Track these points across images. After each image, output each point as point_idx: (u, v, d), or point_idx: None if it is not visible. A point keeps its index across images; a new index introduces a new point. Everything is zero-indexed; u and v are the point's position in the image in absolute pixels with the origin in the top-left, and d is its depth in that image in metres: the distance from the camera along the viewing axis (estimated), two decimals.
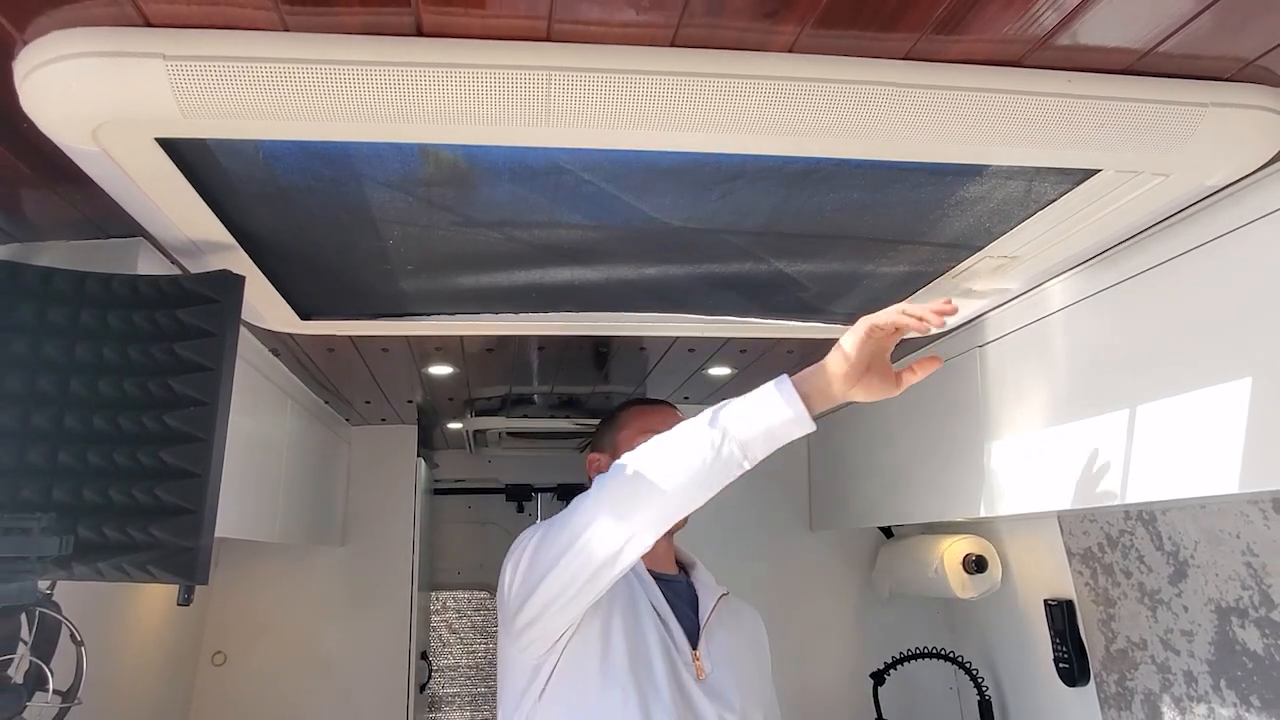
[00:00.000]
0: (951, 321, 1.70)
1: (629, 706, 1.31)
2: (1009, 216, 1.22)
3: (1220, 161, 1.01)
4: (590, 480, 1.66)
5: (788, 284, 1.51)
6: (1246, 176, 1.07)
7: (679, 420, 1.62)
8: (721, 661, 1.44)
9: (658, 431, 1.57)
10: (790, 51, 0.88)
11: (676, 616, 1.45)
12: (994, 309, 1.67)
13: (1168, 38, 0.86)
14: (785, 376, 1.20)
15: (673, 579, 1.54)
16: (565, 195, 1.14)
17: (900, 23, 0.84)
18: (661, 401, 1.65)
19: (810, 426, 1.18)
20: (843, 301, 1.60)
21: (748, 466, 1.20)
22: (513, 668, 1.41)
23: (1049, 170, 1.08)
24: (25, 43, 0.81)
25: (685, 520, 1.57)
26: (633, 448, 1.57)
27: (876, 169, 1.08)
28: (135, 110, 0.84)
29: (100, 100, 0.83)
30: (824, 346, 1.24)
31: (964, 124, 0.92)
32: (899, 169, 1.08)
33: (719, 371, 2.27)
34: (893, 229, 1.28)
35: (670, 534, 1.57)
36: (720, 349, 2.03)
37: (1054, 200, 1.16)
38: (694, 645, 1.43)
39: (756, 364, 2.19)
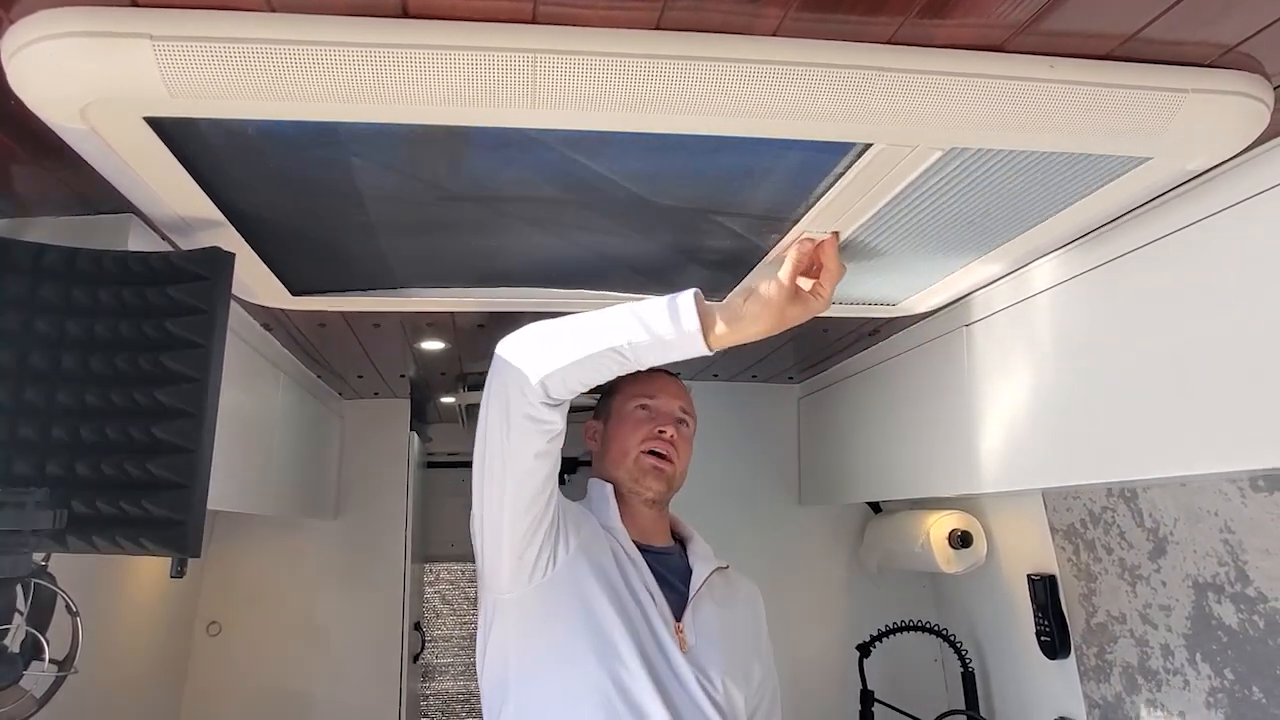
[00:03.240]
0: (937, 302, 1.71)
1: (603, 675, 1.32)
2: None
3: (1200, 147, 1.02)
4: (589, 450, 1.66)
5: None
6: (1226, 161, 1.09)
7: (675, 387, 1.62)
8: (706, 634, 1.44)
9: (650, 397, 1.58)
10: (775, 35, 0.88)
11: (663, 588, 1.46)
12: (981, 288, 1.68)
13: (1150, 23, 0.87)
14: (695, 298, 1.24)
15: (663, 551, 1.54)
16: (549, 169, 1.14)
17: (886, 7, 0.84)
18: (657, 370, 1.66)
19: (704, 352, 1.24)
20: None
21: (633, 366, 1.27)
22: (492, 640, 1.41)
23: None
24: (12, 21, 0.81)
25: (678, 486, 1.57)
26: (624, 413, 1.57)
27: None
28: (123, 90, 0.84)
29: (87, 80, 0.83)
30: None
31: (947, 109, 0.93)
32: None
33: None
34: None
35: (663, 504, 1.58)
36: None
37: None
38: (679, 617, 1.44)
39: None
